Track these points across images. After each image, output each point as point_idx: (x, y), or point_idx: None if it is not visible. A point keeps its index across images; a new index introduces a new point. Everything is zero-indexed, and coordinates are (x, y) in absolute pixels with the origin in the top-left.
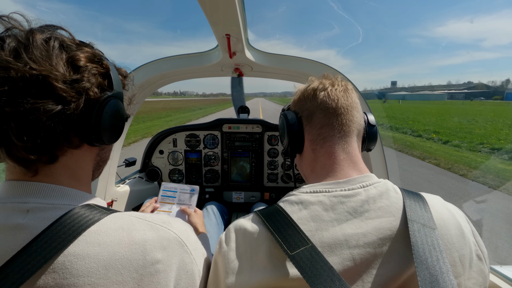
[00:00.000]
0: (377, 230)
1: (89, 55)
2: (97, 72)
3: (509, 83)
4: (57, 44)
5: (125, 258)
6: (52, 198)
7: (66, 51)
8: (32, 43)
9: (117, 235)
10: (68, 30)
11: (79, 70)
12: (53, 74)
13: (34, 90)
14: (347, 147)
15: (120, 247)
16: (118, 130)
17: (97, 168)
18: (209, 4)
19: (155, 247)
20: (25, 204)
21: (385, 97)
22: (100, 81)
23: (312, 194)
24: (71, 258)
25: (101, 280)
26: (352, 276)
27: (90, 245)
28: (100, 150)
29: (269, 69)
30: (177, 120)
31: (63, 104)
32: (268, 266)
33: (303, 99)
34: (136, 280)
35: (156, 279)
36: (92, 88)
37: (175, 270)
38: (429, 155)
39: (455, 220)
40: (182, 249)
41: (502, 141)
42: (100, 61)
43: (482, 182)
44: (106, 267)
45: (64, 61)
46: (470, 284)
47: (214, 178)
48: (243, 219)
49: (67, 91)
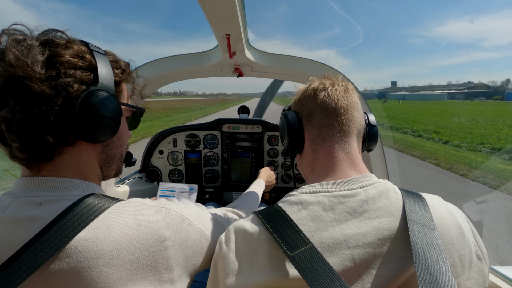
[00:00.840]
0: (376, 230)
1: (73, 51)
2: (79, 66)
3: (509, 83)
4: (37, 43)
5: (134, 239)
6: (61, 190)
7: (49, 50)
8: (9, 45)
9: (124, 220)
10: (65, 32)
11: (55, 67)
12: (27, 74)
13: (13, 92)
14: (346, 147)
15: (128, 229)
16: (110, 125)
17: (106, 165)
18: (209, 4)
19: (160, 226)
20: (37, 197)
21: (385, 97)
22: (83, 75)
23: (312, 195)
24: (83, 242)
25: (114, 260)
26: (352, 276)
27: (100, 230)
28: (104, 147)
29: (269, 69)
30: (177, 120)
31: (42, 102)
32: (268, 267)
33: (303, 99)
34: (148, 258)
35: (166, 255)
36: (71, 84)
37: (182, 243)
38: (429, 155)
39: (455, 220)
40: (185, 223)
41: (503, 141)
42: (83, 55)
43: (482, 182)
44: (118, 248)
45: (43, 60)
46: (469, 284)
47: (214, 178)
48: (243, 219)
49: (42, 89)
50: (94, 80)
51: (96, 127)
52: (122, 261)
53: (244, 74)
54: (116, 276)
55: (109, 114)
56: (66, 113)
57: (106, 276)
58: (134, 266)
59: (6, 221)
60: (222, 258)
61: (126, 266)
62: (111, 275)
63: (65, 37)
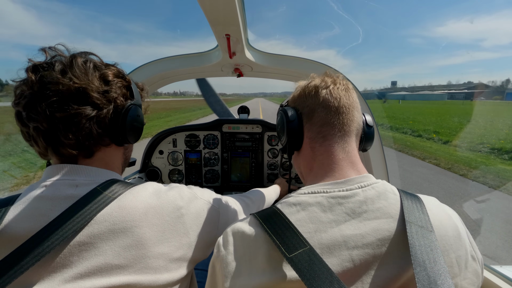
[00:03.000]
0: (375, 231)
1: (115, 72)
2: (122, 85)
3: (509, 83)
4: (92, 64)
5: (157, 207)
6: (94, 176)
7: (98, 70)
8: (74, 64)
9: (147, 194)
10: (97, 55)
11: (108, 83)
12: (90, 86)
13: (76, 99)
14: (346, 146)
15: (151, 200)
16: (139, 132)
17: (122, 166)
18: (209, 4)
19: (176, 198)
20: (74, 180)
21: (385, 97)
22: (124, 92)
23: (310, 195)
24: (116, 209)
25: (143, 223)
26: (352, 277)
27: (129, 200)
28: (124, 150)
29: (269, 69)
30: (177, 120)
31: (97, 110)
32: (267, 269)
33: (303, 96)
34: (169, 222)
35: (182, 220)
36: (118, 97)
37: (194, 211)
38: (429, 155)
39: (452, 222)
40: (194, 196)
41: (502, 141)
42: (124, 76)
43: (482, 182)
44: (145, 213)
45: (98, 77)
46: (465, 284)
47: (214, 178)
48: (241, 222)
49: (100, 99)
50: (131, 96)
51: (131, 132)
52: (150, 223)
53: (244, 74)
54: (146, 236)
55: (140, 123)
56: (114, 120)
57: (138, 235)
58: (159, 229)
59: (48, 198)
60: (221, 261)
61: (153, 228)
62: (143, 235)
63: (98, 59)
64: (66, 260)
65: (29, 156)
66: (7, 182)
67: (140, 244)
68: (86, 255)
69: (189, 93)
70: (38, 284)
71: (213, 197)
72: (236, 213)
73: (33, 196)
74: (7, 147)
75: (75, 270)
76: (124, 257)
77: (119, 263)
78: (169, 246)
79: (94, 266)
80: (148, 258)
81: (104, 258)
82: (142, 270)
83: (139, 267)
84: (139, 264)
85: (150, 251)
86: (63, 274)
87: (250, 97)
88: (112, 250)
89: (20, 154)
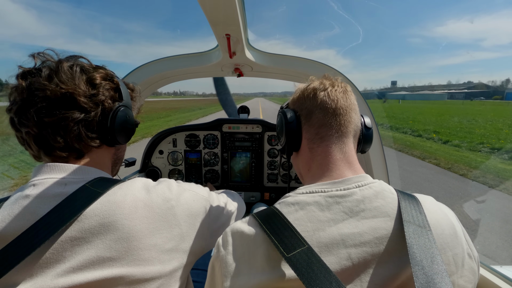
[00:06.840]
0: (373, 230)
1: (102, 75)
2: (110, 87)
3: (509, 83)
4: (79, 68)
5: (147, 200)
6: (83, 174)
7: (85, 73)
8: (61, 69)
9: (136, 188)
10: (87, 58)
11: (95, 87)
12: (76, 91)
13: (63, 104)
14: (343, 147)
15: (141, 193)
16: (129, 133)
17: (115, 165)
18: (209, 4)
19: (165, 191)
20: (63, 179)
21: (385, 97)
22: (112, 94)
23: (308, 195)
24: (106, 203)
25: (133, 215)
26: (350, 275)
27: (118, 195)
28: (116, 150)
29: (269, 69)
30: (177, 120)
31: (85, 113)
32: (266, 269)
33: (302, 98)
34: (160, 214)
35: (173, 212)
36: (106, 100)
37: (184, 203)
38: (429, 155)
39: (449, 220)
40: (184, 190)
41: (502, 141)
42: (112, 78)
43: (482, 182)
44: (135, 207)
45: (84, 81)
46: (462, 282)
47: (214, 178)
48: (240, 222)
49: (87, 103)
50: (119, 98)
51: (120, 133)
52: (140, 216)
53: (244, 74)
54: (137, 228)
55: (130, 125)
56: (102, 122)
57: (129, 227)
58: (150, 221)
59: (37, 197)
60: (220, 261)
61: (144, 221)
62: (133, 227)
63: (87, 61)
64: (59, 255)
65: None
66: (6, 182)
67: (131, 237)
68: (78, 250)
69: (189, 93)
70: (31, 279)
71: (201, 188)
72: (227, 200)
73: (22, 196)
74: (6, 147)
75: (67, 265)
76: (115, 249)
77: (110, 256)
78: (161, 238)
79: (86, 260)
80: (139, 250)
81: (96, 251)
82: (134, 261)
83: (131, 259)
84: (131, 256)
85: (141, 242)
86: (56, 269)
87: (250, 97)
88: (103, 243)
89: (20, 154)
